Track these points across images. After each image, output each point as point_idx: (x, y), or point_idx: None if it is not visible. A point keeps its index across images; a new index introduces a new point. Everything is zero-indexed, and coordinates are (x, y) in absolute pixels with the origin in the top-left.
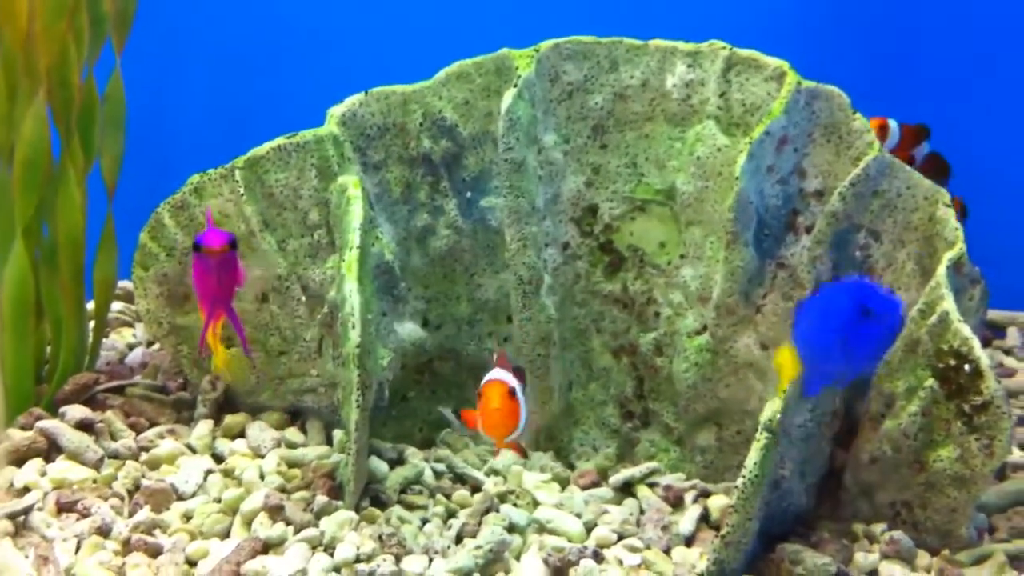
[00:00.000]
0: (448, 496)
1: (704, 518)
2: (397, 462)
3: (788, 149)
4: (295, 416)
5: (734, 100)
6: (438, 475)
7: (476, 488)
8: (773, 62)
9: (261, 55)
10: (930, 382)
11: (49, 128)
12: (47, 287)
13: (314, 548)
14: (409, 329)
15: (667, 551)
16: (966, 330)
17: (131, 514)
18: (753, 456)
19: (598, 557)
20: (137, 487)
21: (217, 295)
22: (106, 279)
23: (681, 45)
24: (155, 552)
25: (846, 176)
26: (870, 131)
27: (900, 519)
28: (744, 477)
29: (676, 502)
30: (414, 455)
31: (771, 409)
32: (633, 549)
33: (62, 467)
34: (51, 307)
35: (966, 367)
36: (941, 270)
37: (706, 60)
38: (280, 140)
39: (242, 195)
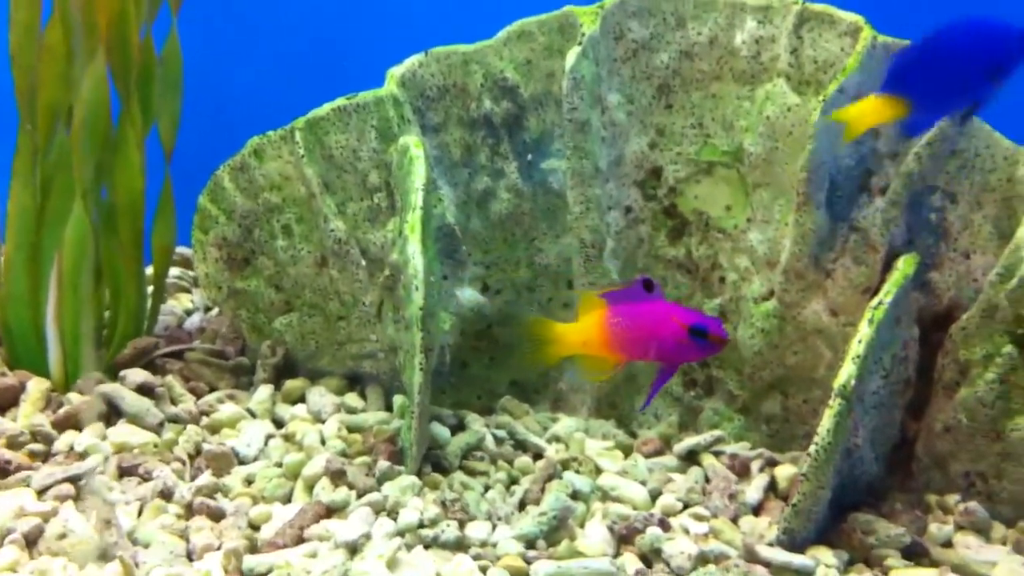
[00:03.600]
0: (510, 462)
1: (771, 487)
2: (458, 428)
3: None
4: (354, 382)
5: (805, 57)
6: (499, 441)
7: (538, 455)
8: (848, 17)
9: (320, 14)
10: (1008, 348)
11: (109, 89)
12: (107, 250)
13: (377, 513)
14: (469, 295)
15: (734, 520)
16: None
17: (193, 478)
18: (826, 423)
19: (664, 525)
20: (198, 451)
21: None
22: (165, 243)
23: (751, 0)
24: (218, 516)
25: (922, 136)
26: None
27: (974, 490)
28: (817, 444)
29: (742, 471)
30: (475, 421)
31: (846, 374)
32: (699, 518)
33: (123, 431)
34: (111, 271)
35: None
36: (1021, 232)
37: (777, 16)
38: (340, 101)
39: (302, 157)
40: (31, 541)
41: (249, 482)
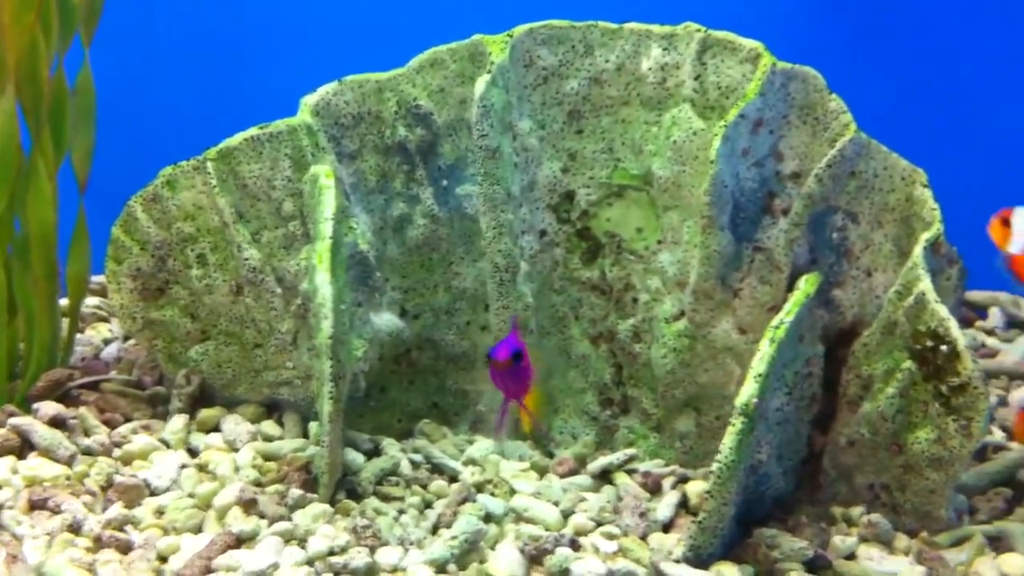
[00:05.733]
0: (425, 487)
1: (683, 504)
2: (374, 453)
3: (763, 131)
4: (272, 409)
5: (709, 83)
6: (415, 465)
7: (454, 478)
8: (748, 43)
9: (232, 45)
10: (907, 364)
11: (18, 122)
12: (19, 282)
13: (287, 541)
14: (386, 319)
15: (644, 537)
16: (943, 311)
17: (104, 510)
18: (728, 441)
19: (574, 545)
20: (110, 483)
21: (514, 394)
22: (79, 274)
23: (656, 28)
24: (126, 548)
25: (822, 158)
26: (846, 112)
27: (879, 502)
28: (720, 462)
29: (655, 488)
30: (391, 446)
31: (746, 393)
32: (610, 536)
33: (34, 464)
34: (24, 303)
35: (943, 348)
36: (918, 250)
37: (681, 42)
38: (253, 131)
39: (215, 187)
40: None
41: (160, 513)
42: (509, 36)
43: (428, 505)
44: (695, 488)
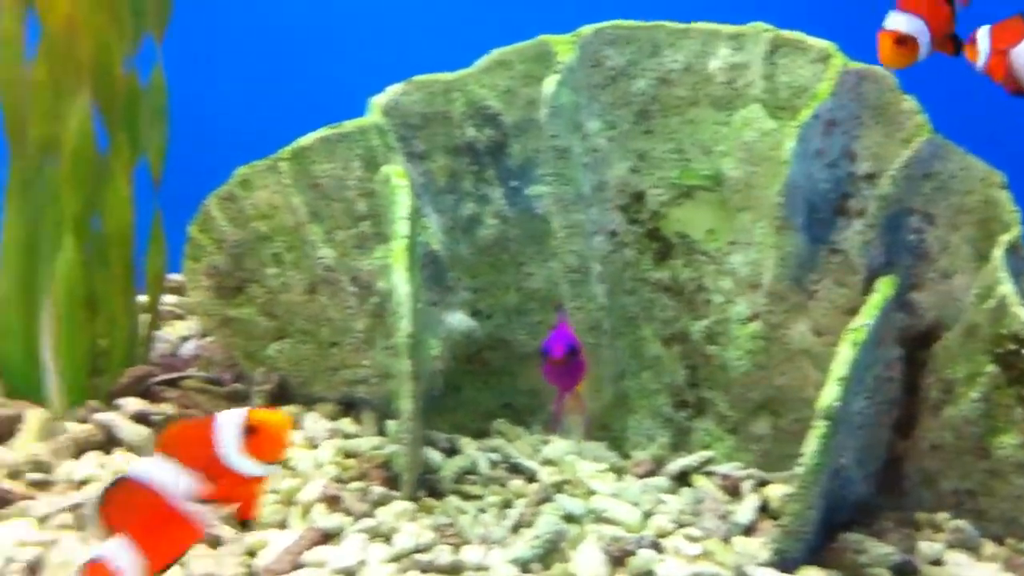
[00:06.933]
0: (503, 486)
1: (762, 507)
2: (451, 452)
3: (837, 132)
4: (349, 407)
5: (780, 83)
6: (493, 464)
7: (530, 478)
8: (818, 43)
9: (303, 45)
10: (989, 367)
11: (94, 122)
12: (99, 280)
13: (372, 538)
14: (459, 319)
15: (726, 540)
16: None
17: None
18: (812, 444)
19: (657, 547)
20: None
21: (568, 389)
22: (157, 272)
23: (724, 28)
24: (214, 543)
25: (896, 159)
26: (920, 112)
27: (964, 507)
28: (803, 465)
29: (733, 491)
30: (468, 445)
31: (829, 396)
32: (692, 539)
33: (120, 460)
34: (104, 300)
35: None
36: (998, 253)
37: (750, 42)
38: (324, 131)
39: (288, 186)
40: (33, 570)
41: None
42: (577, 36)
43: (507, 504)
44: (774, 491)
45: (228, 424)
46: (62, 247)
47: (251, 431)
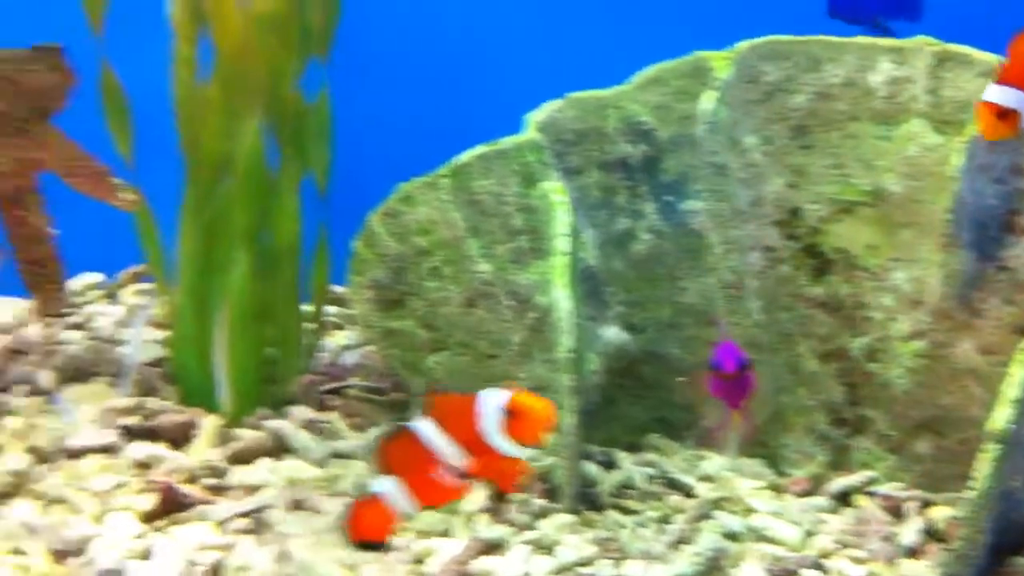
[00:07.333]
0: (661, 500)
1: (926, 529)
2: (607, 465)
3: (1003, 147)
4: None
5: (945, 97)
6: (649, 479)
7: (688, 493)
8: (984, 57)
9: (461, 65)
10: None
11: (264, 141)
12: (268, 293)
13: (535, 550)
14: (613, 333)
15: (891, 563)
16: None
17: None
18: (983, 467)
19: (820, 567)
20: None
21: (737, 406)
22: (322, 283)
23: (883, 41)
24: (385, 550)
25: None
26: None
27: None
28: (974, 488)
29: (895, 512)
30: (624, 459)
31: (1002, 418)
32: (857, 560)
33: (292, 466)
34: (273, 312)
35: None
36: None
37: (912, 56)
38: (482, 148)
39: (448, 201)
40: (216, 573)
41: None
42: (733, 52)
43: (666, 519)
44: (939, 513)
45: (491, 404)
46: (235, 261)
47: (512, 414)
